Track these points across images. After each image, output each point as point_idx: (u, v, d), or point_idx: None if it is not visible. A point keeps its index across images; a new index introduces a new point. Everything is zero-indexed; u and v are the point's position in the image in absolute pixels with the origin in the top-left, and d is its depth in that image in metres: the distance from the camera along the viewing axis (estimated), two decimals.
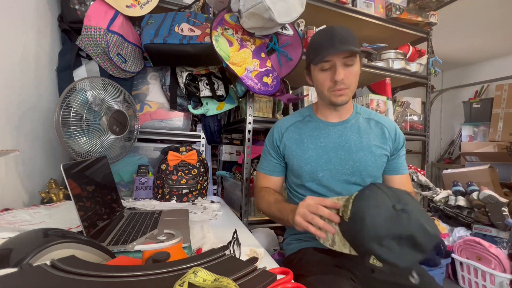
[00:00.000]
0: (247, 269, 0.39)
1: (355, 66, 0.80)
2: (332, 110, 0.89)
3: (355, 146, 0.85)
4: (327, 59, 0.78)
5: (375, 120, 0.91)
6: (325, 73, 0.81)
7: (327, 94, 0.83)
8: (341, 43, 0.76)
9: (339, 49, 0.75)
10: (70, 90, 0.89)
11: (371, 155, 0.84)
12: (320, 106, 0.92)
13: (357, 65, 0.81)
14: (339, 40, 0.76)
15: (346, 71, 0.79)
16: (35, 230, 0.45)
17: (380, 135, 0.88)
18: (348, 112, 0.91)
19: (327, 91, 0.82)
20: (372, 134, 0.88)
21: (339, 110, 0.89)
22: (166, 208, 0.99)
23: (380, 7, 1.57)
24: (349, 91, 0.82)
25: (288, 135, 0.92)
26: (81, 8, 1.09)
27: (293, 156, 0.89)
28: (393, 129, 0.90)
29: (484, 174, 2.26)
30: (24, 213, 0.76)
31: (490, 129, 2.89)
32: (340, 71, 0.78)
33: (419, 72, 1.71)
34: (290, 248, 0.88)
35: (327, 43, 0.77)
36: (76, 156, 0.90)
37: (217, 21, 1.12)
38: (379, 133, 0.88)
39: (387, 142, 0.88)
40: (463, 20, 2.54)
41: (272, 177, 0.94)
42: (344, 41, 0.76)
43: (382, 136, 0.88)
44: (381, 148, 0.87)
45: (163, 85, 1.29)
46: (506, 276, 1.31)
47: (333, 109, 0.89)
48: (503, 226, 1.46)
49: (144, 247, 0.43)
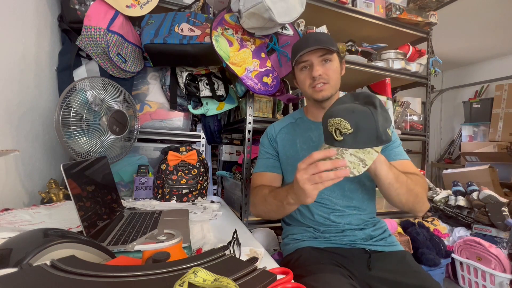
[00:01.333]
0: (247, 269, 0.39)
1: (333, 62, 0.86)
2: (320, 108, 0.92)
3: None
4: (304, 59, 0.86)
5: None
6: (305, 71, 0.88)
7: (309, 91, 0.88)
8: (315, 43, 0.83)
9: (312, 46, 0.83)
10: (70, 90, 0.89)
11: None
12: (309, 107, 0.97)
13: (335, 62, 0.87)
14: (313, 41, 0.84)
15: (324, 67, 0.85)
16: (35, 230, 0.45)
17: None
18: None
19: (308, 88, 0.88)
20: None
21: (326, 107, 0.90)
22: (166, 208, 0.99)
23: (380, 7, 1.57)
24: (329, 86, 0.86)
25: (281, 137, 0.95)
26: (81, 8, 1.09)
27: (286, 157, 0.92)
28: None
29: (484, 174, 2.26)
30: (24, 213, 0.76)
31: (490, 129, 2.89)
32: (317, 68, 0.84)
33: (419, 72, 1.71)
34: (287, 249, 0.88)
35: (303, 44, 0.85)
36: (76, 156, 0.90)
37: (217, 21, 1.12)
38: None
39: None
40: (463, 20, 2.54)
41: (268, 173, 0.93)
42: (318, 41, 0.83)
43: None
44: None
45: (163, 85, 1.29)
46: (506, 276, 1.31)
47: (320, 107, 0.92)
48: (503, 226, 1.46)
49: (144, 247, 0.43)
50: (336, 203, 0.85)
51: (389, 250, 0.81)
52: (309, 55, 0.85)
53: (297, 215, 0.91)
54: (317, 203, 0.86)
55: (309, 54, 0.85)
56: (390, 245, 0.83)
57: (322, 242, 0.83)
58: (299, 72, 0.90)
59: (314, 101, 0.90)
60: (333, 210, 0.85)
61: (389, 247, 0.82)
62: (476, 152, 2.77)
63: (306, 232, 0.87)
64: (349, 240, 0.82)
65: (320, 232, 0.85)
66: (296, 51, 0.87)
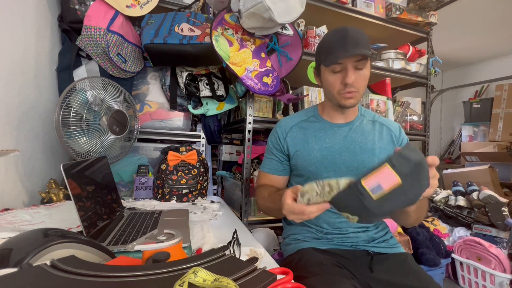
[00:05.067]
0: (247, 269, 0.39)
1: (365, 70, 0.79)
2: (339, 111, 0.89)
3: (360, 148, 0.85)
4: (338, 61, 0.77)
5: (379, 122, 0.91)
6: (336, 75, 0.80)
7: (337, 96, 0.82)
8: (354, 46, 0.73)
9: (352, 52, 0.73)
10: (70, 90, 0.89)
11: (374, 157, 0.84)
12: (326, 107, 0.91)
13: (368, 69, 0.80)
14: (352, 43, 0.74)
15: (357, 74, 0.78)
16: (35, 230, 0.45)
17: (384, 137, 0.89)
18: (353, 114, 0.91)
19: (337, 93, 0.81)
20: (377, 136, 0.88)
21: (345, 112, 0.89)
22: (166, 208, 0.99)
23: (380, 7, 1.57)
24: (358, 95, 0.81)
25: (292, 134, 0.91)
26: (81, 8, 1.09)
27: (297, 156, 0.88)
28: (397, 130, 0.91)
29: (484, 174, 2.26)
30: (24, 213, 0.76)
31: (490, 129, 2.89)
32: (351, 74, 0.76)
33: (419, 72, 1.71)
34: (288, 249, 0.88)
35: (340, 45, 0.75)
36: (76, 156, 0.90)
37: (217, 21, 1.12)
38: (384, 135, 0.89)
39: (391, 144, 0.88)
40: (463, 20, 2.54)
41: (272, 175, 0.93)
42: (357, 44, 0.74)
43: (386, 138, 0.89)
44: (385, 150, 0.87)
45: (163, 85, 1.29)
46: (506, 276, 1.31)
47: (340, 110, 0.88)
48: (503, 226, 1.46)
49: (144, 247, 0.43)
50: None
51: (391, 252, 0.81)
52: (344, 58, 0.75)
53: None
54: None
55: (344, 57, 0.75)
56: (392, 247, 0.83)
57: (324, 243, 0.83)
58: (329, 74, 0.81)
59: (337, 105, 0.85)
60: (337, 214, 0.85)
61: (391, 249, 0.82)
62: (476, 152, 2.77)
63: (308, 232, 0.87)
64: (352, 242, 0.82)
65: (322, 233, 0.85)
66: (330, 51, 0.76)
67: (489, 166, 2.29)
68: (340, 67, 0.78)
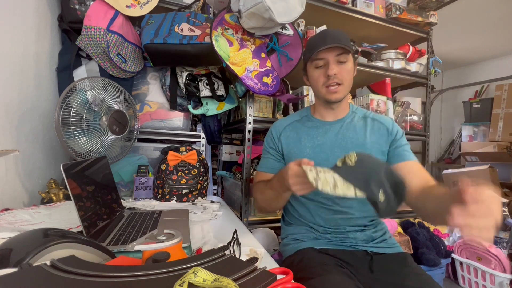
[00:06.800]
0: (247, 269, 0.39)
1: (348, 63, 0.84)
2: (329, 109, 0.92)
3: (352, 143, 0.86)
4: (320, 57, 0.83)
5: (370, 118, 0.92)
6: (319, 70, 0.86)
7: (322, 91, 0.86)
8: (333, 41, 0.81)
9: (331, 44, 0.80)
10: (70, 90, 0.89)
11: (366, 151, 0.84)
12: (317, 106, 0.95)
13: (350, 63, 0.85)
14: (331, 38, 0.82)
15: (339, 67, 0.84)
16: (35, 230, 0.45)
17: (376, 132, 0.89)
18: (344, 111, 0.93)
19: (322, 87, 0.86)
20: (368, 131, 0.88)
21: (335, 109, 0.91)
22: (166, 208, 0.99)
23: (380, 7, 1.57)
24: (343, 88, 0.85)
25: (286, 134, 0.94)
26: (81, 8, 1.09)
27: (290, 154, 0.91)
28: (390, 124, 0.90)
29: (484, 174, 2.26)
30: (24, 213, 0.76)
31: (490, 129, 2.89)
32: (333, 66, 0.82)
33: (419, 72, 1.71)
34: (287, 249, 0.88)
35: (320, 41, 0.82)
36: (76, 156, 0.90)
37: (217, 21, 1.12)
38: (376, 129, 0.89)
39: (384, 138, 0.88)
40: (463, 20, 2.54)
41: (267, 173, 0.94)
42: (336, 39, 0.81)
43: (379, 133, 0.89)
44: (377, 144, 0.87)
45: (163, 85, 1.29)
46: (506, 276, 1.31)
47: (329, 108, 0.91)
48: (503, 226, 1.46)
49: (144, 247, 0.43)
50: (338, 203, 0.85)
51: (391, 252, 0.81)
52: (325, 52, 0.82)
53: (297, 214, 0.91)
54: (318, 204, 0.86)
55: (326, 52, 0.82)
56: (391, 247, 0.83)
57: (323, 243, 0.83)
58: (313, 70, 0.87)
59: (324, 101, 0.89)
60: (334, 212, 0.85)
61: (390, 249, 0.82)
62: (476, 152, 2.77)
63: (307, 232, 0.87)
64: (351, 242, 0.82)
65: (320, 232, 0.85)
66: (312, 47, 0.83)
67: (489, 166, 2.29)
68: (323, 62, 0.85)
